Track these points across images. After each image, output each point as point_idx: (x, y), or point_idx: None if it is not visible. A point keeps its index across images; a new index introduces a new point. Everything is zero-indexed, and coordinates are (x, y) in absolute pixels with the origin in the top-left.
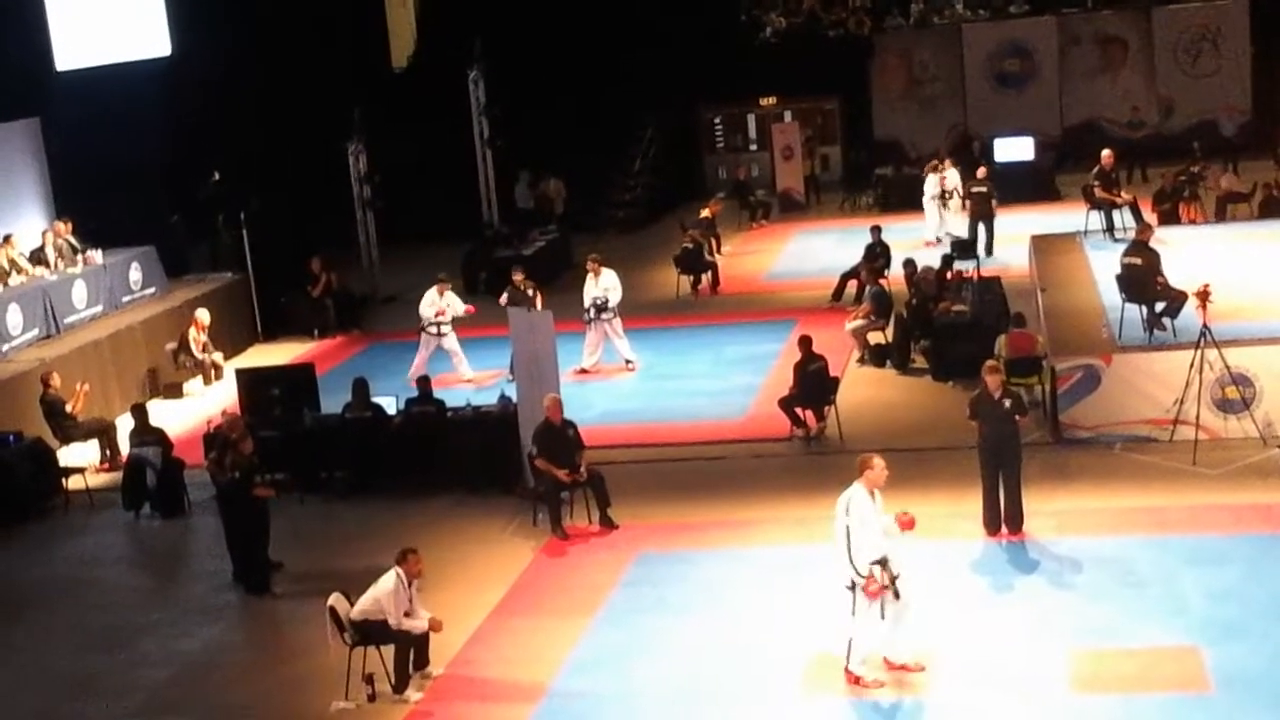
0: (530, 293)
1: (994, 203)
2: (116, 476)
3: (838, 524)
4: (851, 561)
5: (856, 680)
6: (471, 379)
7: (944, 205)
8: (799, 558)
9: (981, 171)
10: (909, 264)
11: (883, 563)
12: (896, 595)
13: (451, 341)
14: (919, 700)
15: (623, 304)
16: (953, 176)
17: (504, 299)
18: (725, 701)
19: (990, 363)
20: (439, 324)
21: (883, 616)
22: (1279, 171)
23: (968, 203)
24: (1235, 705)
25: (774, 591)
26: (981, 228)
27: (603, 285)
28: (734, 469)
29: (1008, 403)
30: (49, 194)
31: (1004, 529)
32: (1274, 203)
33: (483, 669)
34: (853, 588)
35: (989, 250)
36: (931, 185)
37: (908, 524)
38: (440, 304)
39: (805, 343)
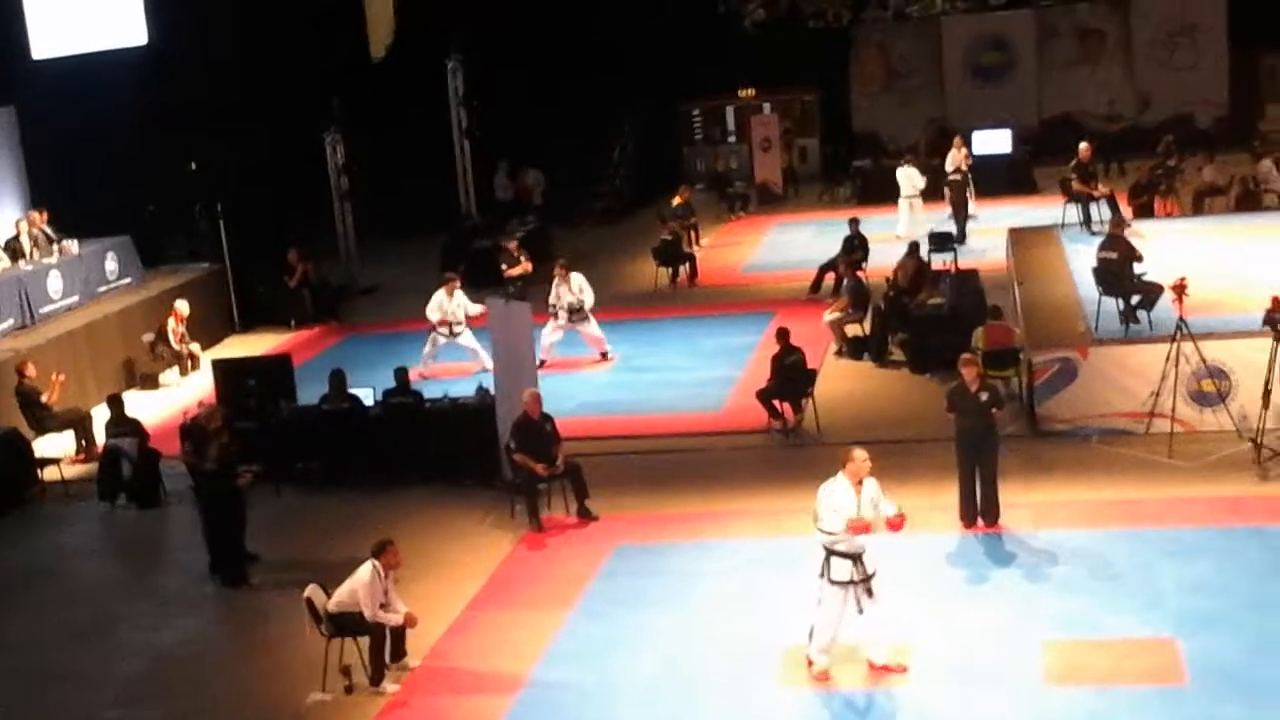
0: (522, 259)
1: (969, 191)
2: (92, 467)
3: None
4: (822, 530)
5: (811, 665)
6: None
7: (914, 201)
8: (776, 550)
9: (963, 153)
10: (914, 250)
11: (856, 559)
12: (870, 593)
13: (468, 339)
14: (892, 693)
15: (601, 295)
16: (912, 174)
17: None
18: (702, 693)
19: (966, 355)
20: (450, 325)
21: (860, 611)
22: (1255, 165)
23: (945, 190)
24: (1210, 696)
25: (751, 584)
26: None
27: (576, 288)
28: (711, 461)
29: (984, 396)
30: (24, 183)
31: (980, 521)
32: (1250, 196)
33: (460, 660)
34: (822, 575)
35: (961, 238)
36: (904, 180)
37: (896, 525)
38: (449, 307)
39: (783, 335)
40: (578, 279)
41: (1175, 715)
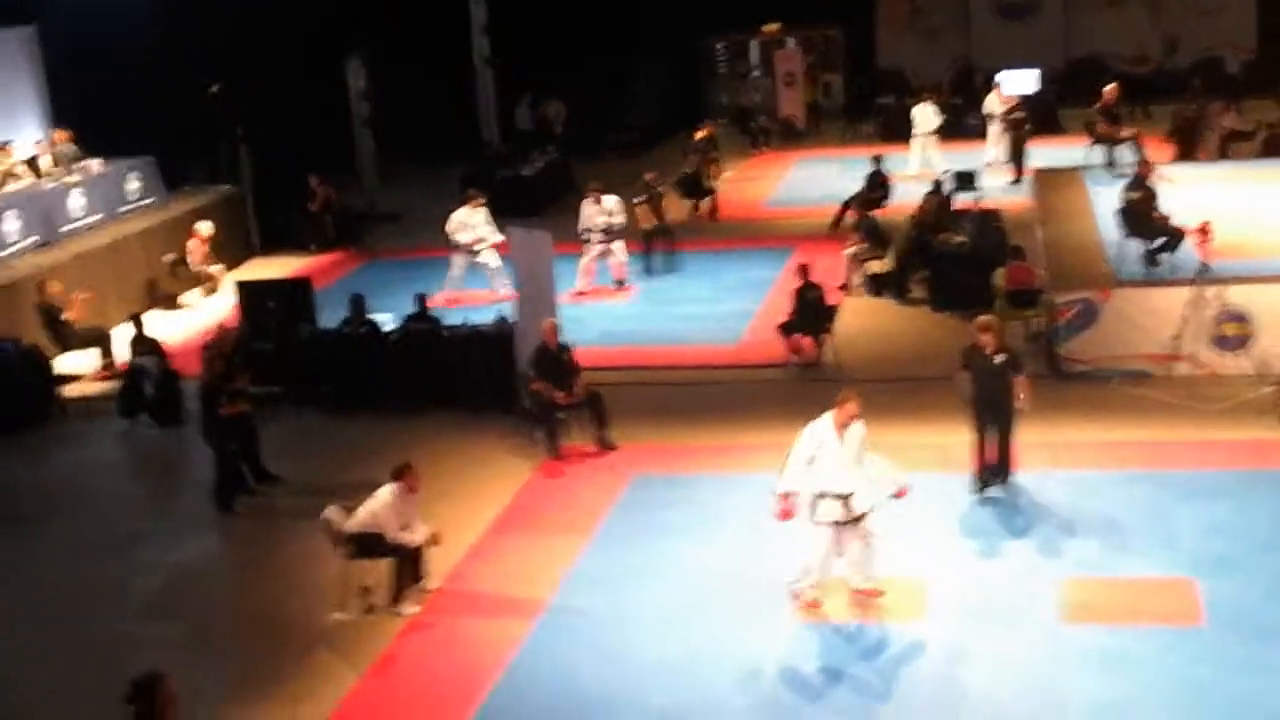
0: (660, 190)
1: (1027, 129)
2: (114, 385)
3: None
4: (781, 477)
5: (796, 598)
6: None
7: (928, 140)
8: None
9: (1010, 99)
10: (937, 188)
11: (845, 499)
12: (860, 533)
13: (490, 256)
14: (904, 629)
15: (622, 229)
16: (928, 112)
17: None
18: (718, 624)
19: (982, 319)
20: (471, 245)
21: (839, 555)
22: None
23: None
24: (1226, 638)
25: (768, 517)
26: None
27: (607, 209)
28: (730, 394)
29: (999, 359)
30: (46, 103)
31: (992, 485)
32: (1277, 142)
33: (480, 584)
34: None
35: (1017, 178)
36: (919, 118)
37: (900, 494)
38: (471, 222)
39: (803, 270)
40: (610, 200)
41: (1191, 655)
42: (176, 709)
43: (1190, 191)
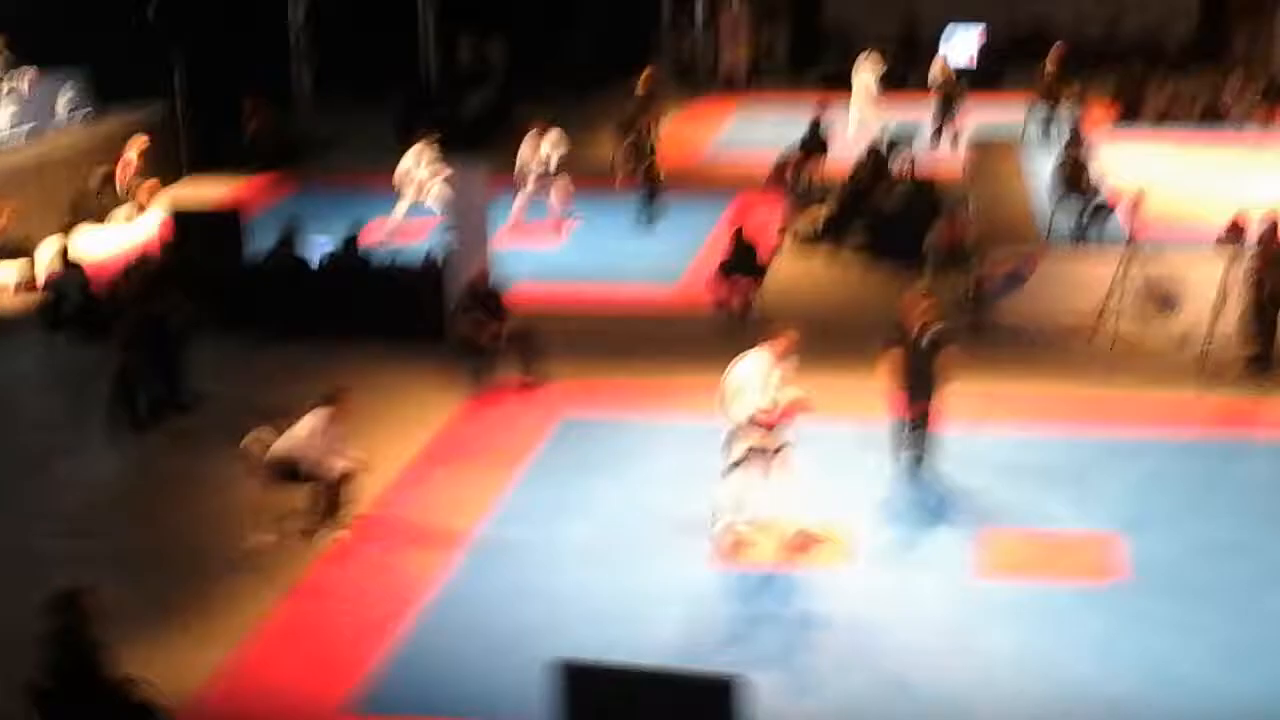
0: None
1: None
2: (34, 300)
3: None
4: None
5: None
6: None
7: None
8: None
9: (942, 64)
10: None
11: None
12: (782, 462)
13: (439, 197)
14: (823, 575)
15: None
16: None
17: None
18: (642, 563)
19: (914, 292)
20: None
21: (765, 476)
22: (1223, 82)
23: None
24: (1145, 594)
25: (697, 460)
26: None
27: (550, 143)
28: (663, 335)
29: (926, 340)
30: None
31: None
32: (1213, 113)
33: (405, 512)
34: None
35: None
36: (856, 80)
37: (791, 412)
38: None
39: (736, 226)
40: (553, 133)
41: (1107, 611)
42: (97, 624)
43: (1129, 157)
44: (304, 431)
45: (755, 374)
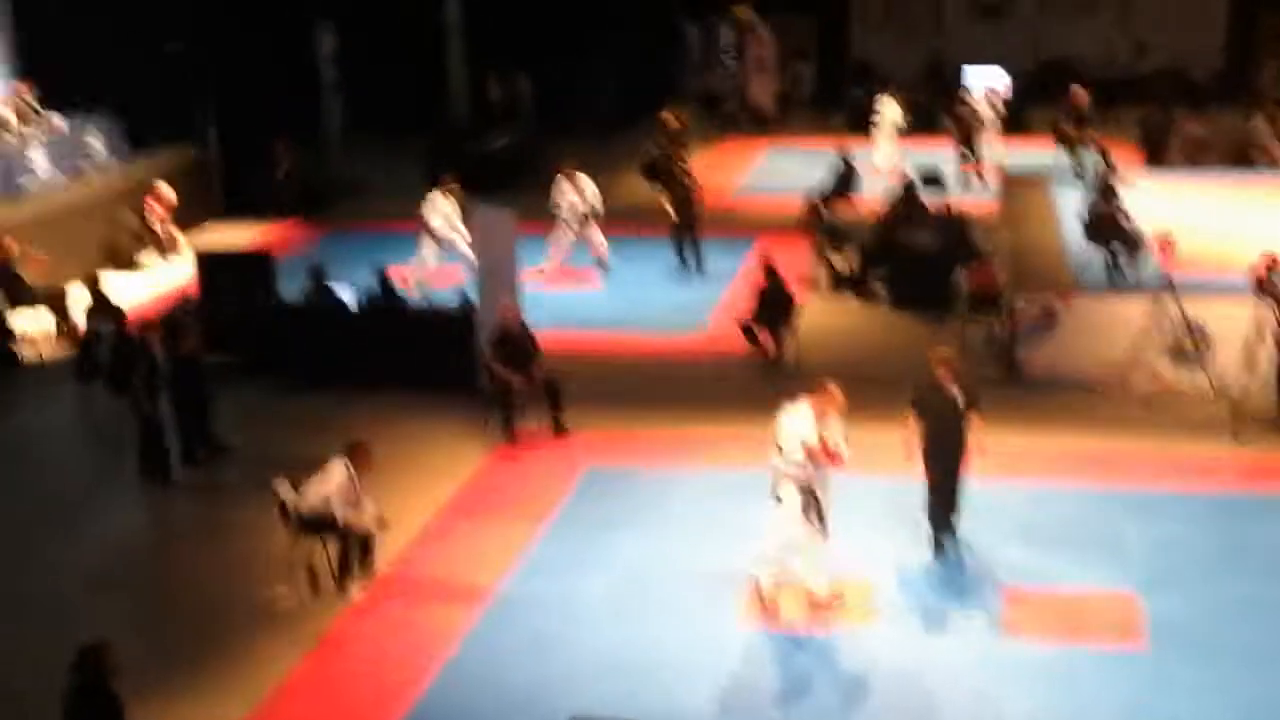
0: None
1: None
2: (70, 349)
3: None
4: (783, 458)
5: (759, 595)
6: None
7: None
8: (749, 480)
9: (968, 102)
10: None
11: (809, 492)
12: (821, 521)
13: (463, 245)
14: (848, 633)
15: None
16: (893, 108)
17: None
18: (665, 620)
19: (939, 351)
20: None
21: (810, 543)
22: (1248, 121)
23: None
24: (1167, 657)
25: (722, 512)
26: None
27: (587, 192)
28: (688, 381)
29: (956, 392)
30: (9, 55)
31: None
32: (1241, 153)
33: (428, 568)
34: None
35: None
36: (884, 113)
37: (833, 458)
38: (447, 210)
39: (767, 265)
40: (585, 182)
41: (1130, 673)
42: (118, 679)
43: (1157, 200)
44: (328, 486)
45: (802, 425)
